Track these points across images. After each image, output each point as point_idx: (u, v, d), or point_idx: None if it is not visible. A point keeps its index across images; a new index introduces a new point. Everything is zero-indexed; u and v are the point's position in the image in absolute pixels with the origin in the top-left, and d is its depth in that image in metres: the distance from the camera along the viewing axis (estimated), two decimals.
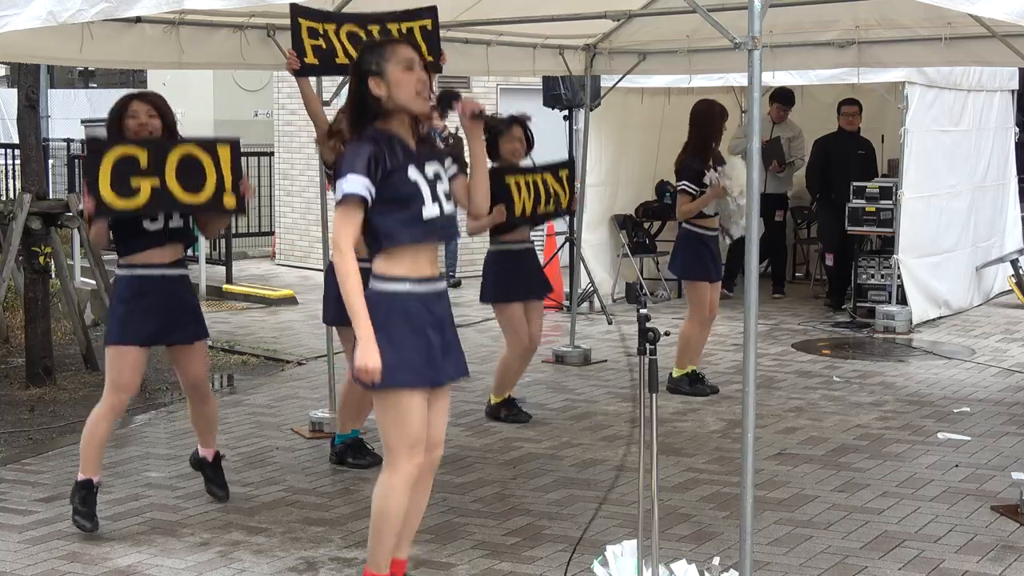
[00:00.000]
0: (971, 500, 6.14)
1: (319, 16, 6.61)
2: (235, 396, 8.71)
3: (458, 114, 4.52)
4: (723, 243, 8.94)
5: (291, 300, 13.00)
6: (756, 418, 4.35)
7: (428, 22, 6.81)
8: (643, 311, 4.46)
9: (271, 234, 16.55)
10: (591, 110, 10.24)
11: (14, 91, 10.65)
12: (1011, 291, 12.49)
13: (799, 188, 13.11)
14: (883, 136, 12.25)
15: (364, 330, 4.27)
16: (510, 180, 7.22)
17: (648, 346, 4.42)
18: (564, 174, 7.66)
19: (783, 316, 11.73)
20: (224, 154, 5.62)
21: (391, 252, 4.39)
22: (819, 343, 10.47)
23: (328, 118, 6.57)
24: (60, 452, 7.15)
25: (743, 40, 4.18)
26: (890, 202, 10.96)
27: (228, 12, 6.99)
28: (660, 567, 4.66)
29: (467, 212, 4.69)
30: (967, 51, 8.54)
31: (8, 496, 6.29)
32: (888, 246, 11.27)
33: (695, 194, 8.18)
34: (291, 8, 6.48)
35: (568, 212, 8.05)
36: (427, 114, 4.42)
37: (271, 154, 16.37)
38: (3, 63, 19.13)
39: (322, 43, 6.52)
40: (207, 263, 14.08)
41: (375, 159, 4.29)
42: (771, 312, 11.81)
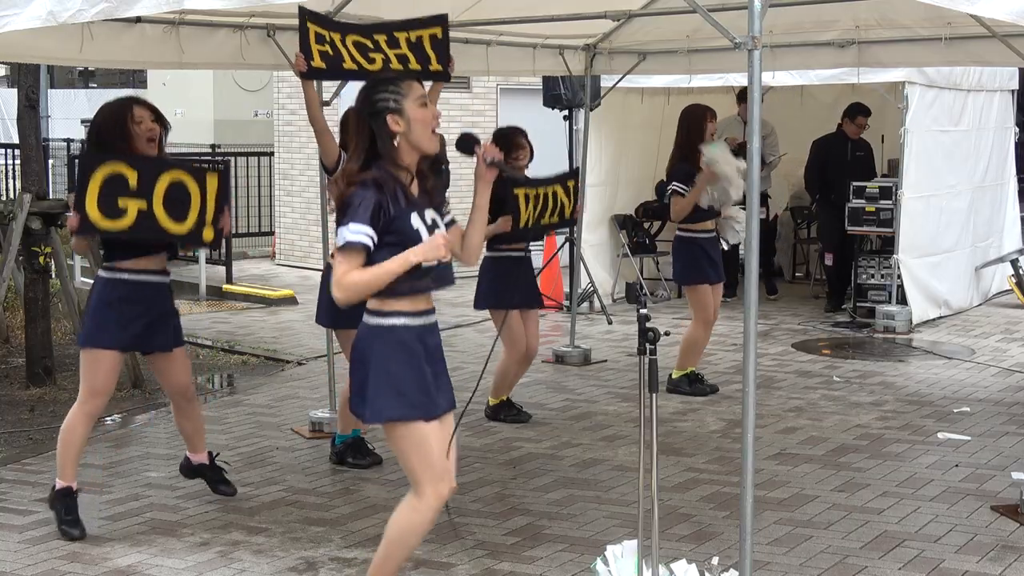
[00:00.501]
0: (971, 500, 6.14)
1: (326, 23, 6.53)
2: (235, 396, 8.71)
3: (477, 158, 4.45)
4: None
5: (291, 300, 13.00)
6: (756, 418, 4.35)
7: (438, 30, 6.72)
8: (643, 311, 4.45)
9: (271, 234, 16.55)
10: (591, 110, 10.24)
11: (14, 91, 10.65)
12: (1011, 291, 12.49)
13: (799, 188, 13.11)
14: (883, 136, 12.25)
15: (400, 259, 4.18)
16: (519, 192, 7.20)
17: (648, 346, 4.42)
18: (572, 184, 7.68)
19: (783, 316, 11.73)
20: (212, 185, 5.52)
21: (391, 294, 4.30)
22: (819, 343, 10.47)
23: (328, 121, 6.57)
24: None
25: (743, 40, 4.18)
26: (890, 202, 10.96)
27: (228, 12, 6.99)
28: (660, 567, 4.66)
29: (458, 258, 4.59)
30: (967, 51, 8.54)
31: (8, 496, 6.29)
32: (888, 246, 11.27)
33: (686, 195, 8.19)
34: (300, 11, 6.41)
35: (572, 222, 8.10)
36: (434, 153, 4.37)
37: (271, 154, 16.37)
38: (3, 63, 19.13)
39: (328, 49, 6.44)
40: (207, 263, 14.07)
41: (380, 207, 4.20)
42: (771, 312, 11.81)
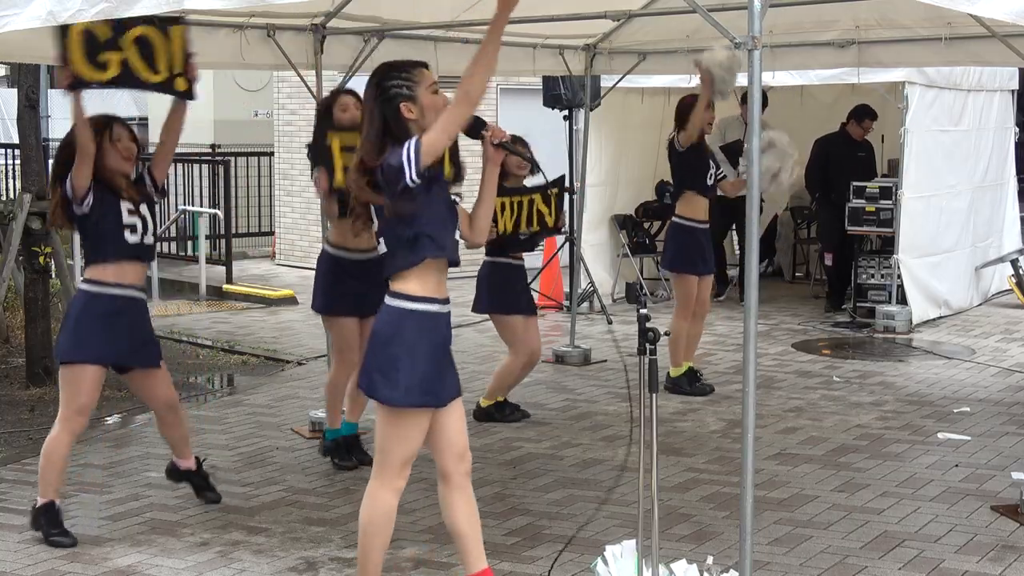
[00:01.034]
0: (971, 500, 6.14)
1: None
2: (235, 396, 8.72)
3: (484, 140, 4.48)
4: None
5: (291, 300, 12.99)
6: (756, 418, 4.35)
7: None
8: (643, 311, 4.46)
9: (271, 234, 16.55)
10: (591, 110, 10.24)
11: (14, 91, 10.66)
12: (1011, 291, 12.49)
13: (799, 188, 13.10)
14: (883, 136, 12.25)
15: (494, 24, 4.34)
16: (496, 201, 7.15)
17: (648, 346, 4.42)
18: (553, 193, 7.45)
19: (783, 316, 11.73)
20: (176, 34, 5.58)
21: (417, 271, 4.35)
22: (819, 343, 10.47)
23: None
24: None
25: (743, 40, 4.18)
26: (890, 202, 10.96)
27: (228, 12, 6.99)
28: (660, 567, 4.66)
29: (463, 238, 4.62)
30: (967, 51, 8.54)
31: (8, 496, 6.29)
32: (888, 246, 11.27)
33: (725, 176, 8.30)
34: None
35: (556, 231, 7.80)
36: None
37: (271, 154, 16.37)
38: (3, 63, 19.12)
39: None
40: (207, 263, 14.08)
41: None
42: (771, 312, 11.81)
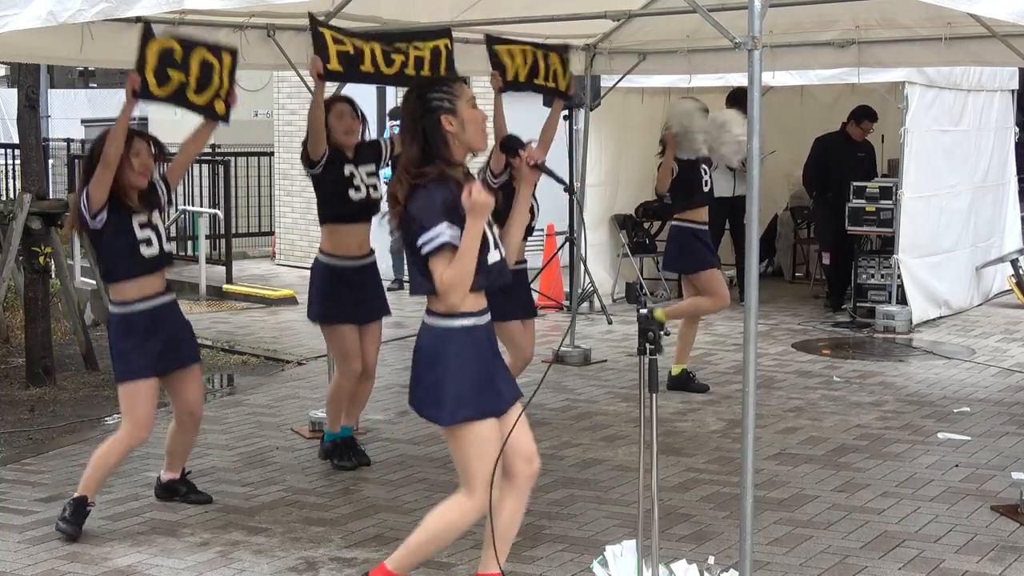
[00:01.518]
0: (971, 500, 6.14)
1: (344, 32, 6.67)
2: (235, 396, 8.72)
3: (522, 159, 4.49)
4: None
5: (291, 300, 12.99)
6: (756, 418, 4.35)
7: (447, 41, 7.02)
8: (643, 311, 4.46)
9: (271, 234, 16.55)
10: (591, 110, 10.24)
11: (14, 91, 10.66)
12: (1011, 291, 12.49)
13: (799, 188, 13.11)
14: (883, 136, 12.25)
15: (467, 233, 4.23)
16: (500, 48, 7.31)
17: (648, 346, 4.42)
18: (565, 59, 7.74)
19: (783, 316, 11.73)
20: (227, 61, 5.82)
21: None
22: (819, 343, 10.47)
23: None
24: (60, 452, 7.16)
25: (743, 40, 4.18)
26: (890, 202, 10.96)
27: (228, 12, 7.00)
28: (660, 567, 4.66)
29: None
30: (967, 51, 8.54)
31: (8, 496, 6.29)
32: (888, 246, 11.27)
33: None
34: (310, 18, 6.52)
35: (566, 96, 7.87)
36: (483, 150, 4.50)
37: (271, 154, 16.37)
38: (3, 63, 19.14)
39: (349, 48, 6.53)
40: (207, 263, 14.08)
41: (455, 204, 4.27)
42: (771, 312, 11.81)
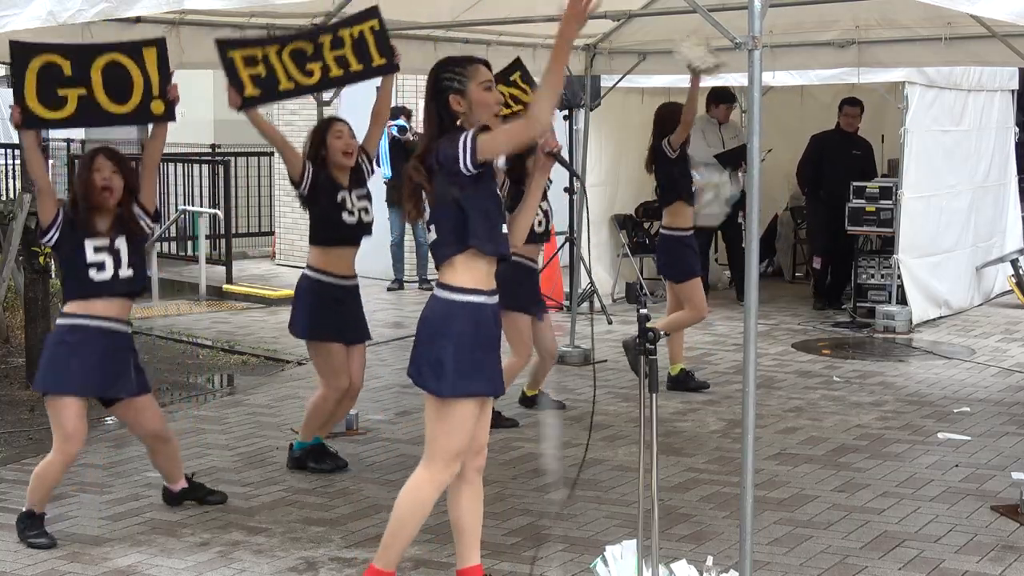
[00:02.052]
0: (971, 500, 6.14)
1: (256, 42, 6.37)
2: (235, 396, 8.72)
3: (539, 146, 4.54)
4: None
5: (291, 300, 12.96)
6: (756, 418, 4.35)
7: (375, 22, 6.55)
8: (643, 311, 4.46)
9: (271, 234, 16.55)
10: (591, 110, 10.23)
11: None
12: (1011, 291, 12.49)
13: (798, 189, 13.11)
14: (883, 136, 12.25)
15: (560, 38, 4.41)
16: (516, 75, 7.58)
17: (648, 346, 4.42)
18: (516, 77, 7.85)
19: (783, 316, 11.73)
20: (150, 58, 5.46)
21: (464, 262, 4.40)
22: (819, 343, 10.47)
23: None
24: None
25: (743, 40, 4.18)
26: (890, 202, 10.97)
27: (228, 12, 7.00)
28: (660, 567, 4.66)
29: None
30: (967, 51, 8.54)
31: (8, 496, 6.29)
32: (888, 246, 11.27)
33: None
34: (217, 44, 6.21)
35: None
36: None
37: (271, 154, 16.36)
38: (3, 63, 19.14)
39: (261, 70, 6.23)
40: (207, 263, 14.09)
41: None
42: (771, 312, 11.81)
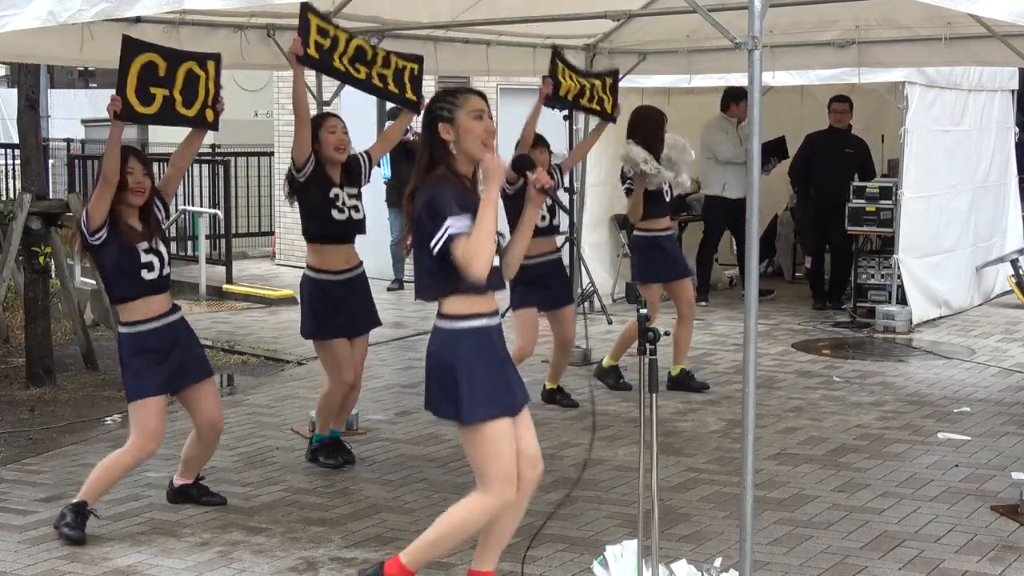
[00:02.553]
0: (971, 500, 6.14)
1: (332, 23, 6.71)
2: (235, 396, 8.71)
3: (530, 181, 4.57)
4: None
5: (291, 300, 12.97)
6: (756, 418, 4.35)
7: (415, 66, 7.07)
8: (643, 311, 4.46)
9: (271, 234, 16.55)
10: None
11: (14, 91, 10.66)
12: (1011, 291, 12.49)
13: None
14: (883, 136, 12.25)
15: (485, 202, 4.37)
16: (561, 66, 7.64)
17: (648, 346, 4.42)
18: (609, 82, 8.11)
19: (783, 316, 11.73)
20: (211, 69, 5.77)
21: (463, 294, 4.47)
22: (819, 343, 10.47)
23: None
24: (60, 452, 7.16)
25: (743, 40, 4.18)
26: (890, 202, 10.97)
27: (228, 12, 7.00)
28: (660, 567, 4.66)
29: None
30: (967, 51, 8.54)
31: (8, 496, 6.29)
32: (888, 246, 11.27)
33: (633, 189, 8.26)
34: (302, 6, 6.52)
35: (611, 118, 8.26)
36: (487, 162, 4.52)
37: (271, 154, 16.37)
38: (3, 63, 19.14)
39: (327, 43, 6.58)
40: (207, 263, 14.08)
41: (464, 199, 4.41)
42: (771, 312, 11.81)
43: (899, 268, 10.90)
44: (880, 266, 11.38)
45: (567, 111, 11.68)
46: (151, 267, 5.65)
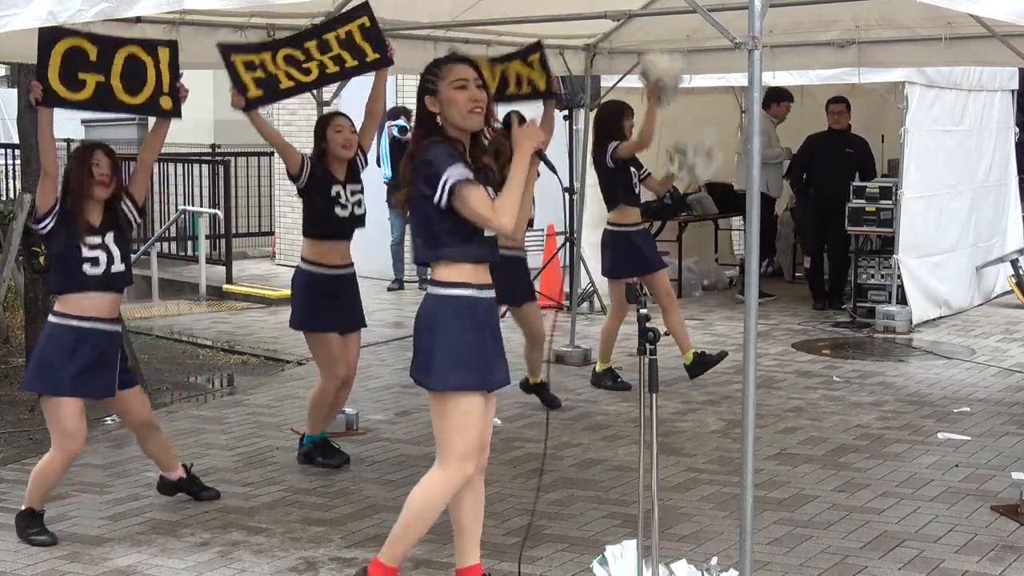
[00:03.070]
0: (971, 500, 6.14)
1: (252, 48, 6.62)
2: (235, 396, 8.72)
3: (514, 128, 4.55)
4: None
5: (291, 300, 12.97)
6: (756, 418, 4.35)
7: (365, 19, 6.70)
8: (643, 311, 4.46)
9: (271, 234, 16.55)
10: (591, 110, 10.23)
11: (14, 91, 10.66)
12: (1011, 291, 12.49)
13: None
14: (883, 136, 12.26)
15: (519, 157, 4.38)
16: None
17: (648, 346, 4.42)
18: (534, 58, 7.68)
19: (783, 316, 11.73)
20: (163, 56, 5.69)
21: (451, 260, 4.48)
22: (819, 343, 10.47)
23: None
24: None
25: (743, 40, 4.18)
26: (890, 202, 10.96)
27: (228, 12, 7.00)
28: (660, 567, 4.66)
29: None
30: (967, 51, 8.54)
31: (8, 496, 6.29)
32: (888, 246, 11.27)
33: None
34: (219, 48, 6.48)
35: (550, 95, 7.83)
36: (480, 130, 4.52)
37: (271, 154, 16.36)
38: (3, 63, 19.12)
39: (261, 73, 6.49)
40: (207, 263, 14.08)
41: (460, 157, 4.42)
42: (771, 312, 11.81)
43: (899, 268, 10.90)
44: (880, 266, 11.38)
45: (567, 111, 11.75)
46: (96, 262, 5.54)
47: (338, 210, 6.58)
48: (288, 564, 5.31)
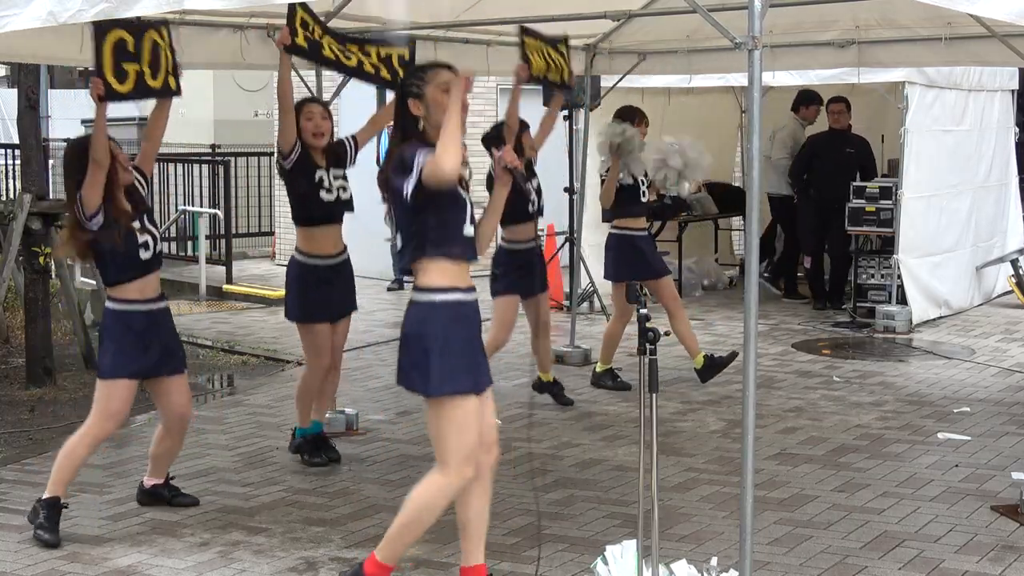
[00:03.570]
0: (971, 500, 6.14)
1: (313, 15, 6.75)
2: (235, 396, 8.72)
3: (494, 159, 4.64)
4: None
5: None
6: (756, 418, 4.35)
7: (404, 51, 7.09)
8: (643, 311, 4.46)
9: (271, 234, 16.55)
10: (591, 110, 10.23)
11: (14, 91, 10.65)
12: (1011, 291, 12.49)
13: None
14: (883, 136, 12.25)
15: (452, 108, 4.42)
16: (530, 43, 7.55)
17: (648, 346, 4.42)
18: (565, 49, 7.90)
19: (783, 316, 11.73)
20: (165, 35, 5.76)
21: (432, 264, 4.51)
22: (819, 343, 10.47)
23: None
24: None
25: (743, 40, 4.18)
26: (890, 202, 10.96)
27: (228, 12, 7.00)
28: (660, 567, 4.66)
29: None
30: (967, 51, 8.54)
31: (8, 496, 6.29)
32: (888, 246, 11.27)
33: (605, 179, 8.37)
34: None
35: (568, 88, 8.08)
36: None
37: (271, 154, 16.35)
38: (3, 63, 19.13)
39: (312, 34, 6.67)
40: (207, 263, 14.08)
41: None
42: (771, 312, 11.81)
43: (899, 268, 10.90)
44: (880, 266, 11.38)
45: (567, 111, 11.74)
46: (147, 246, 5.66)
47: (323, 194, 6.64)
48: (288, 564, 5.31)
